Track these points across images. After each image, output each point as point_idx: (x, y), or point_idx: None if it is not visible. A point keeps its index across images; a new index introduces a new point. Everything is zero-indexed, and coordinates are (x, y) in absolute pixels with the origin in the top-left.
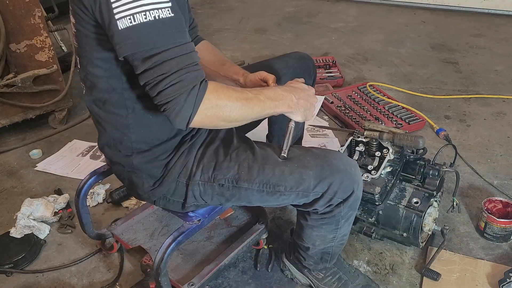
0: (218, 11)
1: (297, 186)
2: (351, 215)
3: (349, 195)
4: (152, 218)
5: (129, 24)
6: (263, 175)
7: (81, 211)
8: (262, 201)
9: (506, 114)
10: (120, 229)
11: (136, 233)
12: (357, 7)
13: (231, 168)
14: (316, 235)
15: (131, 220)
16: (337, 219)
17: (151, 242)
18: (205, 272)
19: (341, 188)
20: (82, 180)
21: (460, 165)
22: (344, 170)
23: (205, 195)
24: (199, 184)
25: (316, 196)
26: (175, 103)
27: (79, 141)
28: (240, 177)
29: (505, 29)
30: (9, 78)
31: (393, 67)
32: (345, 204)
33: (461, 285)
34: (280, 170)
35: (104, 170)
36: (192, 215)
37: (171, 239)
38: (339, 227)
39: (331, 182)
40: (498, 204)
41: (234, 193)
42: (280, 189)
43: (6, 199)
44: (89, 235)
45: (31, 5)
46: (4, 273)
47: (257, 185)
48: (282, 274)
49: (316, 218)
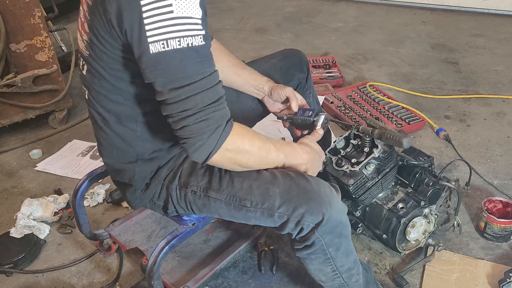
0: (218, 11)
1: (262, 203)
2: (339, 243)
3: (321, 219)
4: (150, 219)
5: (162, 49)
6: (232, 187)
7: (78, 212)
8: (230, 216)
9: (506, 114)
10: (118, 230)
11: (133, 234)
12: (357, 7)
13: (205, 176)
14: (313, 269)
15: (129, 221)
16: (321, 248)
17: (148, 244)
18: (200, 276)
19: (308, 210)
20: (79, 181)
21: (460, 165)
22: (311, 191)
23: (181, 202)
24: (176, 189)
25: (282, 217)
26: (197, 139)
27: (79, 141)
28: (211, 186)
29: (505, 29)
30: (9, 78)
31: (393, 67)
32: (320, 230)
33: (461, 285)
34: (248, 184)
35: (102, 171)
36: (186, 219)
37: (164, 243)
38: (331, 258)
39: (296, 203)
40: (498, 204)
41: (204, 203)
42: (246, 204)
43: (6, 199)
44: (86, 235)
45: (31, 5)
46: (4, 273)
47: (224, 196)
48: (282, 274)
49: (300, 248)
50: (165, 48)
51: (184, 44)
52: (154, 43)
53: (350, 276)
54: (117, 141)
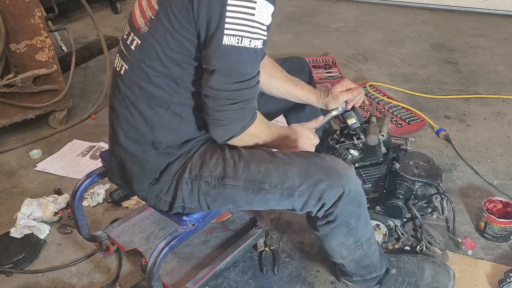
0: None
1: (282, 183)
2: (359, 213)
3: (342, 192)
4: (149, 220)
5: (235, 43)
6: (249, 172)
7: (76, 213)
8: (247, 202)
9: (506, 114)
10: (116, 231)
11: (132, 235)
12: (357, 7)
13: (218, 165)
14: (335, 244)
15: (127, 222)
16: (344, 221)
17: (147, 245)
18: (200, 277)
19: (329, 185)
20: (77, 182)
21: (460, 165)
22: (329, 167)
23: (192, 196)
24: (187, 183)
25: (302, 196)
26: (228, 122)
27: (79, 141)
28: (226, 174)
29: (505, 29)
30: (9, 78)
31: (393, 67)
32: (342, 202)
33: (461, 285)
34: (265, 167)
35: (100, 172)
36: (186, 219)
37: (164, 243)
38: (353, 229)
39: (316, 180)
40: (498, 204)
41: (220, 192)
42: (264, 186)
43: (6, 199)
44: (84, 237)
45: (31, 5)
46: (4, 273)
47: (242, 182)
48: (282, 274)
49: (322, 225)
50: (238, 44)
51: (252, 45)
52: (229, 36)
53: (369, 246)
54: (140, 123)
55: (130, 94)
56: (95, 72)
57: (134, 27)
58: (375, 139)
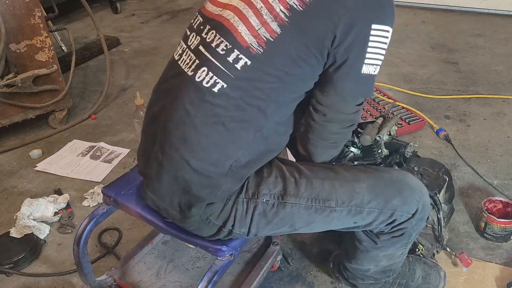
0: None
1: (349, 200)
2: (421, 224)
3: (416, 208)
4: (153, 255)
5: (372, 72)
6: (312, 189)
7: (81, 261)
8: (307, 222)
9: (506, 114)
10: (121, 272)
11: (139, 274)
12: None
13: (277, 183)
14: (383, 255)
15: (131, 260)
16: (408, 233)
17: (160, 282)
18: None
19: (402, 201)
20: (79, 227)
21: (460, 165)
22: (398, 181)
23: (245, 217)
24: (243, 202)
25: (371, 212)
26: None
27: (79, 141)
28: (287, 192)
29: (505, 29)
30: (9, 78)
31: (393, 67)
32: (416, 217)
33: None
34: (330, 184)
35: (104, 211)
36: (225, 249)
37: (206, 282)
38: (410, 241)
39: (387, 196)
40: (498, 204)
41: (278, 212)
42: (330, 204)
43: (6, 199)
44: (90, 285)
45: (31, 5)
46: (4, 273)
47: (305, 200)
48: (282, 274)
49: (387, 239)
50: (374, 72)
51: (376, 72)
52: (368, 65)
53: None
54: (228, 141)
55: (223, 113)
56: (95, 72)
57: (239, 45)
58: (368, 139)
